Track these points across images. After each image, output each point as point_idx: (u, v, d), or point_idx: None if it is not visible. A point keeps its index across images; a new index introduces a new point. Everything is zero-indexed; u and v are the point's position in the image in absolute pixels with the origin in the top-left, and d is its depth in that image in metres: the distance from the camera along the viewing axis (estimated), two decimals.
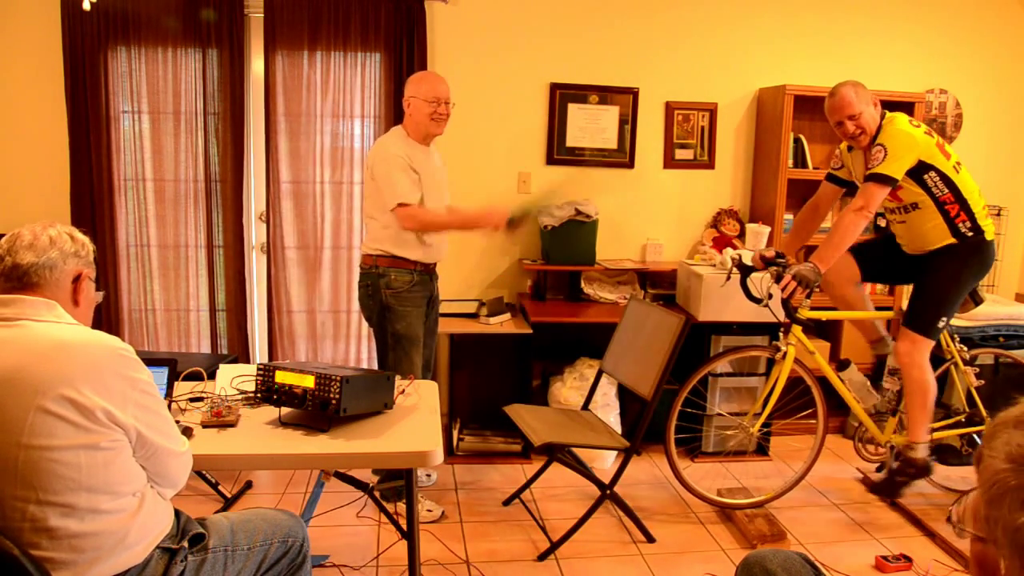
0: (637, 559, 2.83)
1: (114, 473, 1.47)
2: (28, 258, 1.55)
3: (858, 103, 2.87)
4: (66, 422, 1.40)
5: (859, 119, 2.88)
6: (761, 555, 1.61)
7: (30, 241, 1.56)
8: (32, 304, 1.51)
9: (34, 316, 1.50)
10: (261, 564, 1.75)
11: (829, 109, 2.94)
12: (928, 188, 2.90)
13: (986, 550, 0.92)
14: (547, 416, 3.13)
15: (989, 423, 1.00)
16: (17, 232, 1.59)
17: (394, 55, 3.79)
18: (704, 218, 4.20)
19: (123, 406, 1.47)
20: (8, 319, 1.49)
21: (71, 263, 1.60)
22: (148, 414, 1.54)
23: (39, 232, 1.58)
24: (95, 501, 1.44)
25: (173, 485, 1.65)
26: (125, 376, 1.50)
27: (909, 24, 4.18)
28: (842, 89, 2.89)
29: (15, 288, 1.54)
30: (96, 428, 1.43)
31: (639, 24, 4.00)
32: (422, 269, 3.07)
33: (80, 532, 1.42)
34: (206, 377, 2.42)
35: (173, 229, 3.84)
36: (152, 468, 1.57)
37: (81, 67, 3.59)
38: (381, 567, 2.71)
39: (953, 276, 2.96)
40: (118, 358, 1.50)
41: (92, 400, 1.42)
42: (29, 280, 1.54)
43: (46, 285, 1.56)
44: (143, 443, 1.53)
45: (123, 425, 1.48)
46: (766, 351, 3.24)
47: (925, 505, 3.22)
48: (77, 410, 1.41)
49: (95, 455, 1.43)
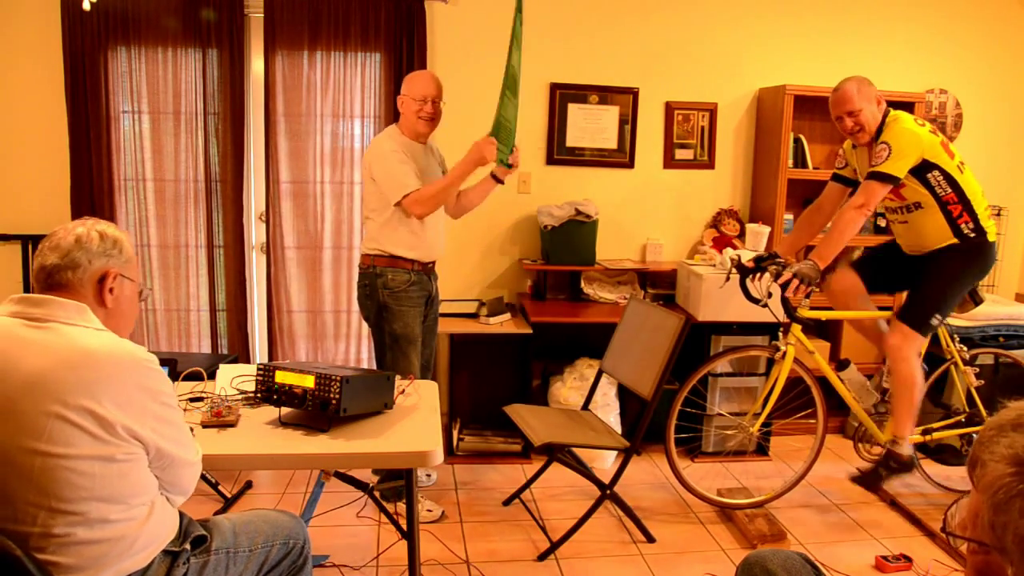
0: (637, 559, 2.83)
1: (128, 485, 1.46)
2: (51, 259, 1.53)
3: (859, 100, 2.87)
4: (85, 432, 1.39)
5: (858, 116, 2.88)
6: (761, 555, 1.61)
7: (56, 242, 1.55)
8: (63, 306, 1.50)
9: (64, 319, 1.48)
10: (263, 566, 1.74)
11: (831, 102, 2.95)
12: (931, 187, 2.90)
13: (989, 559, 0.89)
14: (547, 416, 3.13)
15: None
16: (54, 230, 1.58)
17: (394, 55, 3.79)
18: (704, 218, 4.20)
19: (143, 419, 1.47)
20: (38, 319, 1.47)
21: (98, 263, 1.56)
22: (166, 425, 1.53)
23: (68, 231, 1.56)
24: (106, 511, 1.43)
25: (184, 493, 1.65)
26: (147, 388, 1.49)
27: (909, 24, 4.18)
28: (846, 84, 2.90)
29: (46, 289, 1.53)
30: (114, 441, 1.42)
31: (639, 24, 4.00)
32: (419, 268, 3.07)
33: (88, 539, 1.42)
34: (206, 377, 2.42)
35: (173, 229, 3.84)
36: (166, 478, 1.57)
37: (81, 67, 3.59)
38: (381, 567, 2.71)
39: (952, 275, 2.96)
40: (141, 369, 1.49)
41: (113, 414, 1.42)
42: (55, 281, 1.53)
43: (71, 286, 1.54)
44: (160, 455, 1.52)
45: (142, 439, 1.47)
46: (766, 351, 3.24)
47: (925, 505, 3.22)
48: (97, 422, 1.40)
49: (110, 466, 1.43)
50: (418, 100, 2.97)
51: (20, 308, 1.50)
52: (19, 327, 1.47)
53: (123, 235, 1.64)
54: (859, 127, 2.90)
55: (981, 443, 0.93)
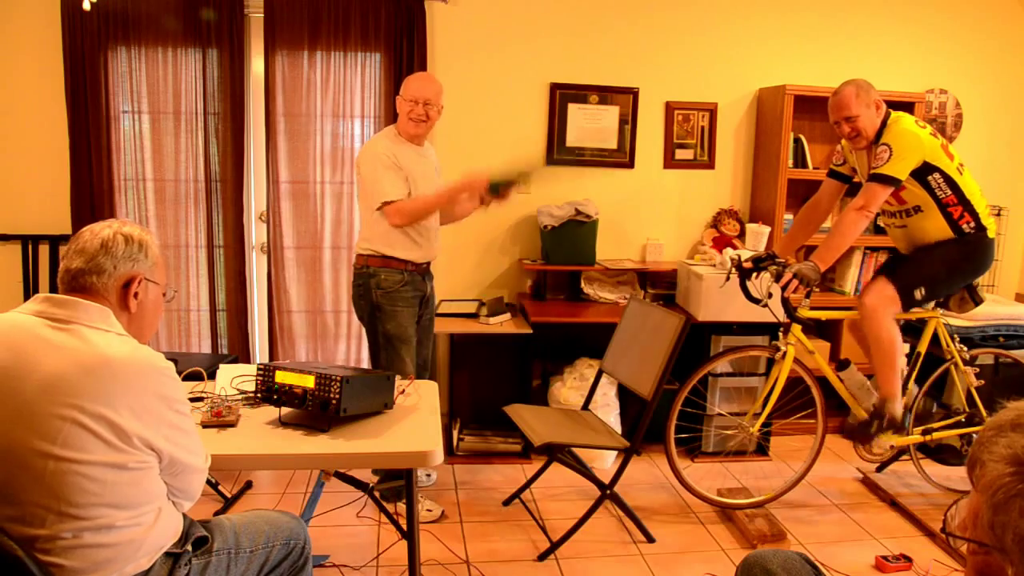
0: (637, 559, 2.83)
1: (139, 493, 1.46)
2: (77, 263, 1.53)
3: (856, 106, 2.86)
4: (100, 439, 1.39)
5: (855, 122, 2.88)
6: (761, 555, 1.61)
7: (82, 245, 1.54)
8: (86, 309, 1.49)
9: (87, 322, 1.48)
10: (263, 566, 1.74)
11: (830, 106, 2.95)
12: (931, 190, 2.89)
13: (989, 559, 0.90)
14: (547, 416, 3.13)
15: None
16: (81, 231, 1.57)
17: (394, 55, 3.79)
18: (704, 218, 4.20)
19: (158, 428, 1.47)
20: (61, 321, 1.47)
21: (123, 267, 1.55)
22: (180, 433, 1.53)
23: (95, 234, 1.56)
24: (114, 517, 1.43)
25: (192, 499, 1.65)
26: (164, 396, 1.49)
27: (909, 24, 4.18)
28: (845, 89, 2.89)
29: (70, 291, 1.52)
30: (128, 450, 1.43)
31: (639, 24, 4.00)
32: (413, 269, 3.07)
33: (94, 544, 1.41)
34: (206, 377, 2.42)
35: (173, 229, 3.84)
36: (176, 484, 1.57)
37: (81, 67, 3.59)
38: (381, 567, 2.71)
39: (947, 258, 2.96)
40: (160, 378, 1.49)
41: (130, 423, 1.42)
42: (79, 285, 1.52)
43: (95, 290, 1.53)
44: (173, 463, 1.52)
45: (157, 449, 1.47)
46: (766, 351, 3.24)
47: (925, 505, 3.22)
48: (113, 431, 1.40)
49: (122, 474, 1.43)
50: (409, 101, 2.99)
51: (44, 308, 1.49)
52: (42, 327, 1.46)
53: (149, 237, 1.62)
54: (856, 132, 2.90)
55: (980, 443, 0.93)
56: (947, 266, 2.97)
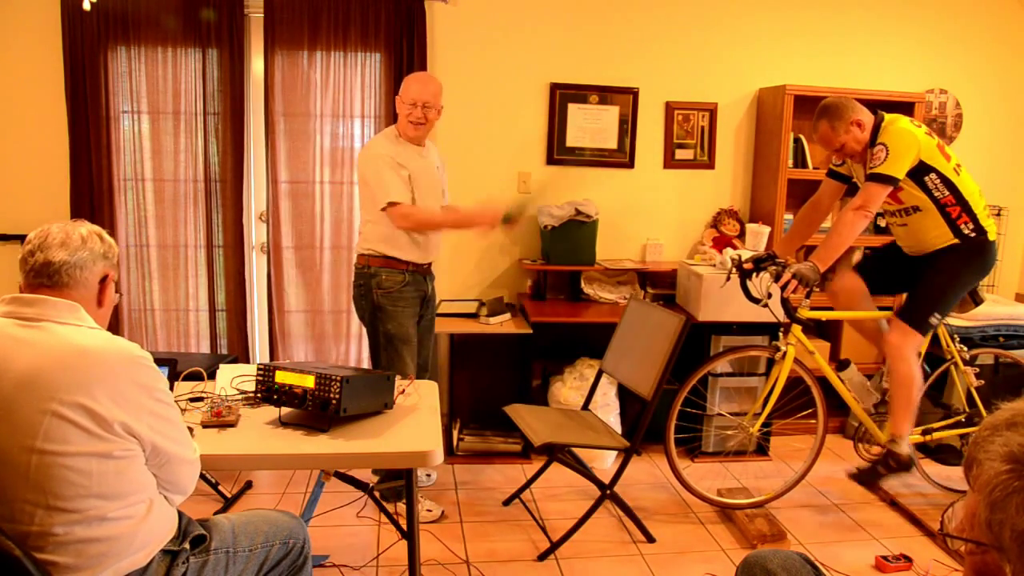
0: (637, 559, 2.83)
1: (126, 482, 1.46)
2: (60, 256, 1.53)
3: (837, 137, 2.91)
4: (81, 429, 1.40)
5: (844, 149, 2.94)
6: (761, 555, 1.61)
7: (62, 239, 1.55)
8: (55, 305, 1.50)
9: (56, 318, 1.49)
10: (262, 566, 1.74)
11: (815, 140, 3.03)
12: (929, 190, 2.90)
13: (987, 559, 0.89)
14: (547, 416, 3.12)
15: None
16: (46, 229, 1.57)
17: (394, 55, 3.79)
18: (704, 218, 4.20)
19: (139, 416, 1.47)
20: (30, 319, 1.48)
21: (100, 264, 1.59)
22: (162, 422, 1.53)
23: (71, 230, 1.57)
24: (104, 508, 1.43)
25: (183, 492, 1.65)
26: (142, 384, 1.49)
27: (909, 24, 4.18)
28: (820, 126, 2.94)
29: (43, 286, 1.53)
30: (110, 437, 1.43)
31: (639, 24, 4.00)
32: (414, 269, 3.08)
33: (86, 538, 1.42)
34: (206, 377, 2.42)
35: (173, 229, 3.84)
36: (163, 476, 1.57)
37: (81, 67, 3.59)
38: (381, 567, 2.71)
39: (952, 274, 2.97)
40: (136, 365, 1.49)
41: (109, 410, 1.42)
42: (59, 279, 1.53)
43: (74, 285, 1.54)
44: (156, 452, 1.52)
45: (138, 436, 1.47)
46: (766, 351, 3.24)
47: (925, 505, 3.22)
48: (93, 419, 1.41)
49: (107, 463, 1.43)
50: (407, 104, 2.99)
51: (12, 308, 1.50)
52: (12, 327, 1.47)
53: (112, 240, 1.67)
54: (847, 153, 2.97)
55: (976, 443, 0.93)
56: (952, 280, 2.97)
